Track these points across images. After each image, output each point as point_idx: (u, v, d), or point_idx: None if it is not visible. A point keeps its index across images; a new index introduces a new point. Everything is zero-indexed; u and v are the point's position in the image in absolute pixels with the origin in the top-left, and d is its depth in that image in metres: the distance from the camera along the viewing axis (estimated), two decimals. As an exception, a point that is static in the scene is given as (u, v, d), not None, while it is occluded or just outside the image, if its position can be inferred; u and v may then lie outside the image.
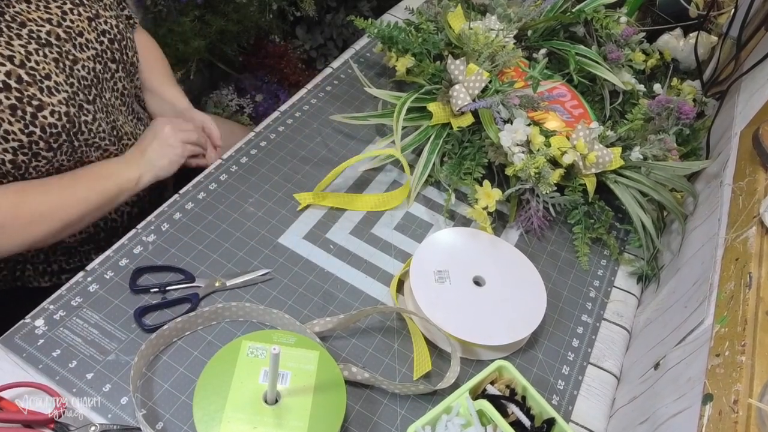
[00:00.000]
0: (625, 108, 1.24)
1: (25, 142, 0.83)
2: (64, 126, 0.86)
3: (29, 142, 0.83)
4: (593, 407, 0.87)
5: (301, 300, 0.89)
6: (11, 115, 0.80)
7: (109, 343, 0.80)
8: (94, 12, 0.96)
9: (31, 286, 1.02)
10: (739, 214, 0.82)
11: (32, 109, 0.82)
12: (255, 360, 0.77)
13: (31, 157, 0.85)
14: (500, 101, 1.05)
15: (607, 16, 1.27)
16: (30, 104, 0.82)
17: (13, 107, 0.81)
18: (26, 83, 0.82)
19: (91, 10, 0.95)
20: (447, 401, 0.75)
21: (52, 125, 0.85)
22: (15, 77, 0.81)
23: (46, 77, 0.85)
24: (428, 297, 0.87)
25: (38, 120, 0.83)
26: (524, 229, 1.06)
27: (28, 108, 0.82)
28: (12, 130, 0.81)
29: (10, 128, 0.81)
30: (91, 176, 0.93)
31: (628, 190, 1.04)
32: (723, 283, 0.76)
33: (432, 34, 1.20)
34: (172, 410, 0.76)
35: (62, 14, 0.91)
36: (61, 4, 0.91)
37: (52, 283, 1.04)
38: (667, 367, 0.78)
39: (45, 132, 0.84)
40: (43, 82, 0.84)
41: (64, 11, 0.91)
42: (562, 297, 0.98)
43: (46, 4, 0.89)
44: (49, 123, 0.84)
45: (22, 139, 0.82)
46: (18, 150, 0.83)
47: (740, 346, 0.64)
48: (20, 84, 0.81)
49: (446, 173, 1.06)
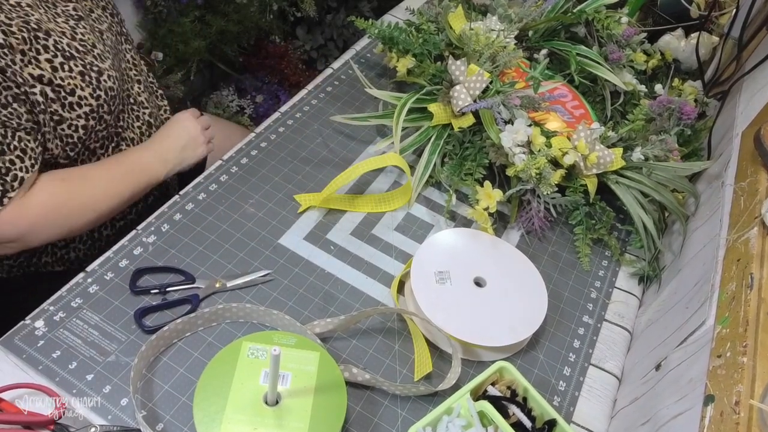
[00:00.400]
0: (627, 108, 1.23)
1: (94, 106, 0.88)
2: (117, 90, 0.92)
3: (97, 106, 0.89)
4: (594, 408, 0.87)
5: (302, 301, 0.89)
6: (82, 81, 0.86)
7: (109, 344, 0.80)
8: None
9: (45, 271, 1.02)
10: (740, 215, 0.82)
11: (95, 74, 0.88)
12: (255, 361, 0.77)
13: (97, 121, 0.90)
14: (501, 102, 1.04)
15: (608, 16, 1.27)
16: (93, 69, 0.87)
17: (82, 73, 0.86)
18: (83, 52, 0.87)
19: None
20: (448, 402, 0.75)
21: (111, 89, 0.90)
22: (74, 48, 0.86)
23: (93, 46, 0.89)
24: (429, 298, 0.87)
25: (101, 84, 0.88)
26: (525, 229, 1.05)
27: (92, 73, 0.87)
28: (84, 95, 0.86)
29: (82, 93, 0.86)
30: (127, 169, 0.97)
31: (629, 191, 1.04)
32: (724, 283, 0.75)
33: (433, 34, 1.20)
34: (173, 411, 0.76)
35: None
36: None
37: (65, 268, 1.04)
38: (669, 368, 0.77)
39: (107, 95, 0.90)
40: (93, 51, 0.89)
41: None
42: (563, 298, 0.98)
43: None
44: (109, 87, 0.90)
45: (92, 104, 0.88)
46: (89, 114, 0.88)
47: (742, 347, 0.63)
48: (79, 53, 0.86)
49: (447, 174, 1.06)
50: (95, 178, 0.92)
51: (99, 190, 0.92)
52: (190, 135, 1.04)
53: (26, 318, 0.81)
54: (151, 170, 0.99)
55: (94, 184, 0.92)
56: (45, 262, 1.01)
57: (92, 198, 0.91)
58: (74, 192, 0.89)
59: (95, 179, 0.92)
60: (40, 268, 1.01)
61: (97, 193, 0.92)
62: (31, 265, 1.01)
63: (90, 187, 0.91)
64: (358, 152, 1.12)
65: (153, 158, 1.00)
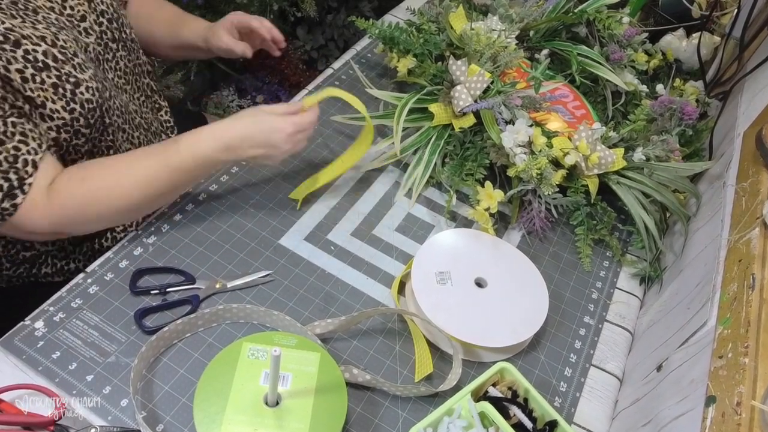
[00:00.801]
0: (628, 109, 1.23)
1: (67, 119, 0.84)
2: (97, 101, 0.87)
3: (71, 119, 0.85)
4: (595, 409, 0.86)
5: (302, 302, 0.89)
6: (54, 94, 0.82)
7: (109, 344, 0.80)
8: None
9: (45, 281, 1.01)
10: (742, 215, 0.82)
11: (71, 86, 0.83)
12: (256, 362, 0.77)
13: (72, 135, 0.86)
14: (502, 102, 1.04)
15: (610, 16, 1.27)
16: (68, 81, 0.83)
17: (55, 85, 0.82)
18: (61, 61, 0.83)
19: None
20: (449, 403, 0.75)
21: (89, 101, 0.86)
22: (51, 56, 0.82)
23: (74, 55, 0.85)
24: (430, 298, 0.87)
25: (77, 97, 0.84)
26: (526, 230, 1.05)
27: (67, 85, 0.83)
28: (56, 108, 0.83)
29: (54, 106, 0.82)
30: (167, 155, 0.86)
31: (630, 191, 1.04)
32: (726, 284, 0.75)
33: (433, 34, 1.20)
34: (173, 412, 0.75)
35: (62, 1, 0.89)
36: None
37: (64, 278, 1.03)
38: (670, 369, 0.77)
39: (84, 108, 0.85)
40: (74, 59, 0.85)
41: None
42: (564, 298, 0.98)
43: None
44: (86, 99, 0.85)
45: (65, 117, 0.84)
46: (61, 128, 0.84)
47: (743, 347, 0.63)
48: (56, 62, 0.82)
49: (448, 174, 1.06)
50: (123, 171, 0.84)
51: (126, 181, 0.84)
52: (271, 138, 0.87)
53: (26, 319, 0.81)
54: (202, 153, 0.86)
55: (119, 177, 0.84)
56: (45, 273, 1.00)
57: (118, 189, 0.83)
58: (96, 191, 0.83)
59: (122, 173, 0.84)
60: (40, 279, 1.00)
61: (123, 184, 0.83)
62: (30, 276, 1.00)
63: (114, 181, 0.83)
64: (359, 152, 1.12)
65: (208, 140, 0.86)
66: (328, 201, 1.03)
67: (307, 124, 0.89)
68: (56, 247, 0.99)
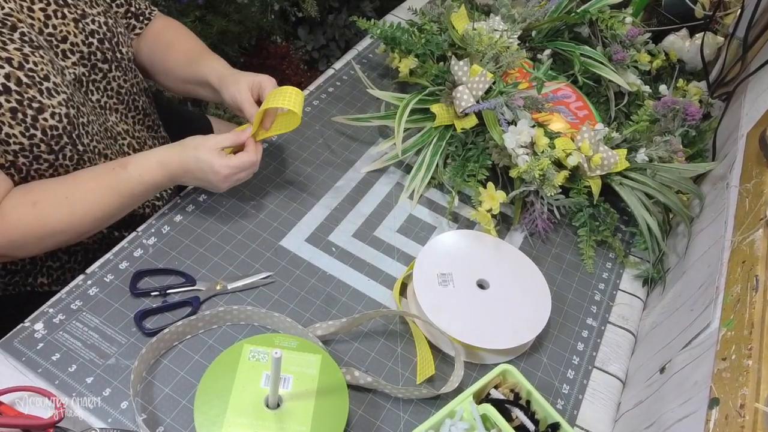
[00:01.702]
0: (631, 109, 1.23)
1: (26, 144, 0.82)
2: (65, 128, 0.85)
3: (30, 145, 0.82)
4: (598, 411, 0.86)
5: (303, 303, 0.89)
6: (12, 119, 0.79)
7: (109, 346, 0.79)
8: (80, 12, 0.91)
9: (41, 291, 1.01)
10: (745, 217, 0.82)
11: (33, 111, 0.81)
12: (256, 364, 0.77)
13: (32, 160, 0.84)
14: (504, 102, 1.04)
15: (612, 16, 1.27)
16: (30, 107, 0.81)
17: (14, 110, 0.79)
18: (26, 85, 0.80)
19: (77, 10, 0.91)
20: (450, 405, 0.75)
21: (53, 127, 0.83)
22: (14, 79, 0.79)
23: (44, 78, 0.83)
24: (431, 300, 0.87)
25: (39, 123, 0.82)
26: (528, 231, 1.05)
27: (28, 111, 0.80)
28: (13, 133, 0.80)
29: (11, 131, 0.80)
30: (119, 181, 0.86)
31: (633, 192, 1.04)
32: (729, 286, 0.75)
33: (435, 34, 1.20)
34: (173, 415, 0.75)
35: (45, 18, 0.86)
36: (45, 6, 0.87)
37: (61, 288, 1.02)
38: (673, 371, 0.77)
39: (46, 135, 0.83)
40: (42, 84, 0.82)
41: (47, 14, 0.87)
42: (566, 300, 0.97)
43: (30, 5, 0.85)
44: (50, 125, 0.83)
45: (23, 142, 0.81)
46: (19, 153, 0.82)
47: (747, 349, 0.63)
48: (20, 86, 0.80)
49: (450, 175, 1.05)
50: (75, 197, 0.84)
51: (79, 208, 0.84)
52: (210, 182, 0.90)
53: (25, 320, 0.80)
54: (151, 180, 0.88)
55: (71, 203, 0.83)
56: (41, 282, 1.00)
57: (70, 218, 0.83)
58: (47, 217, 0.82)
59: (75, 198, 0.84)
60: (36, 288, 1.00)
61: (76, 211, 0.84)
62: (26, 285, 0.99)
63: (66, 207, 0.83)
64: (360, 153, 1.12)
65: (157, 169, 0.88)
66: (329, 202, 1.03)
67: (247, 164, 0.90)
68: (49, 256, 0.99)
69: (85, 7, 0.92)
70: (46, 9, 0.87)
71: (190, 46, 1.08)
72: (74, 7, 0.91)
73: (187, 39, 1.10)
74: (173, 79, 1.08)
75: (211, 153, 0.87)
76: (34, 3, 0.86)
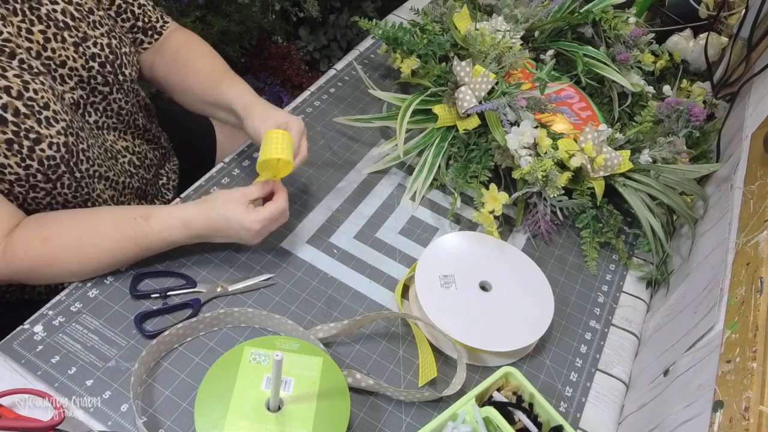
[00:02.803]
0: (634, 110, 1.23)
1: (22, 175, 0.80)
2: (62, 157, 0.83)
3: (26, 175, 0.81)
4: (601, 414, 0.86)
5: (305, 305, 0.88)
6: (7, 150, 0.77)
7: (109, 349, 0.79)
8: (81, 35, 0.88)
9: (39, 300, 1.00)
10: (750, 218, 0.81)
11: (29, 142, 0.79)
12: (257, 366, 0.77)
13: (29, 189, 0.83)
14: (507, 103, 1.04)
15: (616, 16, 1.26)
16: (27, 138, 0.78)
17: (10, 141, 0.77)
18: (24, 115, 0.78)
19: (78, 32, 0.88)
20: (453, 408, 0.74)
21: (50, 157, 0.81)
22: (12, 110, 0.77)
23: (44, 107, 0.80)
24: (434, 302, 0.86)
25: (35, 153, 0.80)
26: (531, 233, 1.05)
27: (25, 142, 0.78)
28: (8, 163, 0.78)
29: (6, 162, 0.78)
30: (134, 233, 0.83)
31: (637, 194, 1.03)
32: (733, 288, 0.75)
33: (437, 35, 1.19)
34: (173, 417, 0.75)
35: (44, 41, 0.84)
36: (44, 29, 0.84)
37: None
38: (677, 374, 0.77)
39: (42, 165, 0.81)
40: (41, 113, 0.80)
41: (47, 37, 0.84)
42: (569, 302, 0.97)
43: (29, 27, 0.82)
44: (47, 155, 0.81)
45: (18, 173, 0.80)
46: (14, 182, 0.81)
47: (751, 352, 0.63)
48: (17, 117, 0.77)
49: (452, 176, 1.05)
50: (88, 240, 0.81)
51: (91, 252, 0.82)
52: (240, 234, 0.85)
53: (25, 323, 0.80)
54: (172, 239, 0.85)
55: (83, 245, 0.81)
56: (39, 291, 0.99)
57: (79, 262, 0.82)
58: (55, 257, 0.80)
59: (87, 242, 0.81)
60: (34, 297, 0.99)
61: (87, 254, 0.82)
62: (24, 293, 0.99)
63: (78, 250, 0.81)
64: (362, 154, 1.12)
65: (180, 229, 0.84)
66: (330, 203, 1.03)
67: (277, 214, 0.86)
68: None
69: (88, 29, 0.89)
70: (46, 32, 0.84)
71: (211, 66, 1.03)
72: (75, 29, 0.87)
73: (207, 57, 1.05)
74: (191, 97, 1.04)
75: (240, 209, 0.83)
76: (33, 25, 0.83)
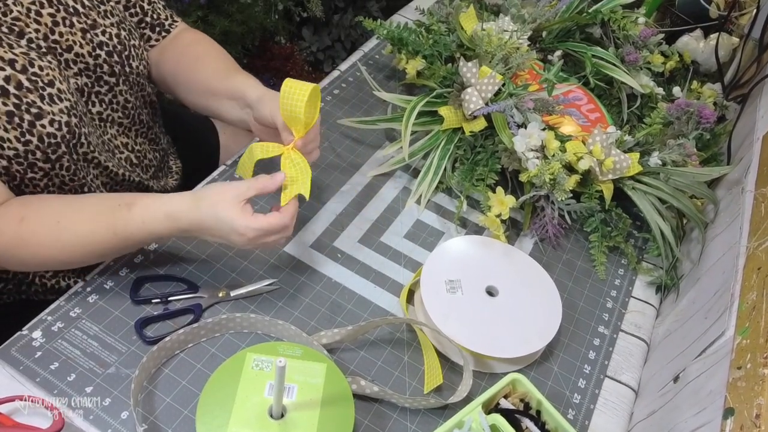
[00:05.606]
0: (644, 112, 1.22)
1: (20, 150, 0.80)
2: (63, 137, 0.82)
3: (25, 151, 0.80)
4: (610, 422, 0.85)
5: (308, 311, 0.88)
6: (7, 122, 0.77)
7: (109, 355, 0.78)
8: (90, 22, 0.88)
9: (37, 299, 0.99)
10: (761, 222, 0.81)
11: (30, 117, 0.79)
12: (260, 373, 0.76)
13: (27, 168, 0.82)
14: (514, 105, 1.03)
15: (625, 16, 1.26)
16: (28, 111, 0.78)
17: (10, 114, 0.77)
18: (26, 89, 0.78)
19: (87, 19, 0.88)
20: (459, 416, 0.74)
21: (51, 135, 0.81)
22: (14, 82, 0.78)
23: (48, 84, 0.81)
24: (439, 308, 0.86)
25: (36, 129, 0.79)
26: (539, 237, 1.04)
27: (25, 115, 0.78)
28: (7, 137, 0.78)
29: (5, 135, 0.78)
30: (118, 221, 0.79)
31: (646, 197, 1.03)
32: (744, 293, 0.75)
33: (443, 35, 1.19)
34: (175, 425, 0.74)
35: (53, 25, 0.84)
36: (54, 12, 0.84)
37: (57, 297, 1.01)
38: (687, 380, 0.76)
39: (42, 141, 0.80)
40: (45, 90, 0.80)
41: (55, 21, 0.84)
42: (578, 308, 0.96)
43: (39, 9, 0.83)
44: (47, 132, 0.80)
45: (17, 148, 0.79)
46: (13, 159, 0.80)
47: (762, 358, 0.63)
48: (19, 90, 0.78)
49: (458, 179, 1.04)
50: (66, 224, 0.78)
51: (66, 236, 0.78)
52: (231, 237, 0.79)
53: (23, 328, 0.80)
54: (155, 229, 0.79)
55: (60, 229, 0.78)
56: (35, 290, 0.98)
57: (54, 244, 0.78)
58: (31, 236, 0.77)
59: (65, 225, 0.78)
60: (32, 297, 0.99)
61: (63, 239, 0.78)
62: (21, 293, 0.98)
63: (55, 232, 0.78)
64: (366, 156, 1.11)
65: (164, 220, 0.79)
66: (334, 207, 1.02)
67: (276, 228, 0.78)
68: None
69: (97, 17, 0.89)
70: (55, 15, 0.84)
71: (224, 63, 1.02)
72: (85, 16, 0.88)
73: (220, 54, 1.04)
74: (197, 92, 1.01)
75: (233, 209, 0.76)
76: (43, 7, 0.84)
